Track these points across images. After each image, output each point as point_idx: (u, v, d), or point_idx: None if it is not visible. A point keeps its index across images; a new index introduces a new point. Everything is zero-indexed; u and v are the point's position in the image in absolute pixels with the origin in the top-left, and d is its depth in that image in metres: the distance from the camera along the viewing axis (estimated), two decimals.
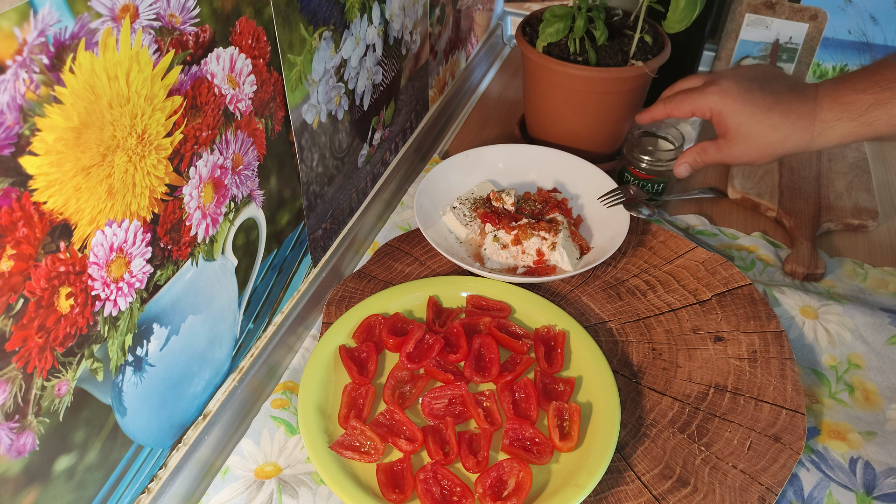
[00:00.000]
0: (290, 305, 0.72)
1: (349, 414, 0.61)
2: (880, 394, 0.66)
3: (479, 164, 0.86)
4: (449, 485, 0.56)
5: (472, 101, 1.12)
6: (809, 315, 0.72)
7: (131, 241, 0.47)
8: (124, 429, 0.51)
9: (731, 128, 0.72)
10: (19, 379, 0.41)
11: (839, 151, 0.94)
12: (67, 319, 0.43)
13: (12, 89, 0.35)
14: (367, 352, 0.66)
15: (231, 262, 0.60)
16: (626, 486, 0.58)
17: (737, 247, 0.82)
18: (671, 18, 0.76)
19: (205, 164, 0.52)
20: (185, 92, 0.48)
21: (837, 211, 0.85)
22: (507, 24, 1.27)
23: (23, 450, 0.43)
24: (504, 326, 0.69)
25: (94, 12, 0.39)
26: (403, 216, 0.88)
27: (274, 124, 0.60)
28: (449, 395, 0.63)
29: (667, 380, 0.66)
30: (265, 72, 0.57)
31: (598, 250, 0.76)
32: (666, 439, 0.61)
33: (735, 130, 0.72)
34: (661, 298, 0.73)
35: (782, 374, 0.65)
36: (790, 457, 0.59)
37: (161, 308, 0.52)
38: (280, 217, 0.66)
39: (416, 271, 0.78)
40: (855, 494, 0.58)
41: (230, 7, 0.51)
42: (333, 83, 0.69)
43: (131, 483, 0.54)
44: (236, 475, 0.60)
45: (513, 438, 0.59)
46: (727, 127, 0.72)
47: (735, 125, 0.71)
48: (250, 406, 0.65)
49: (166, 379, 0.55)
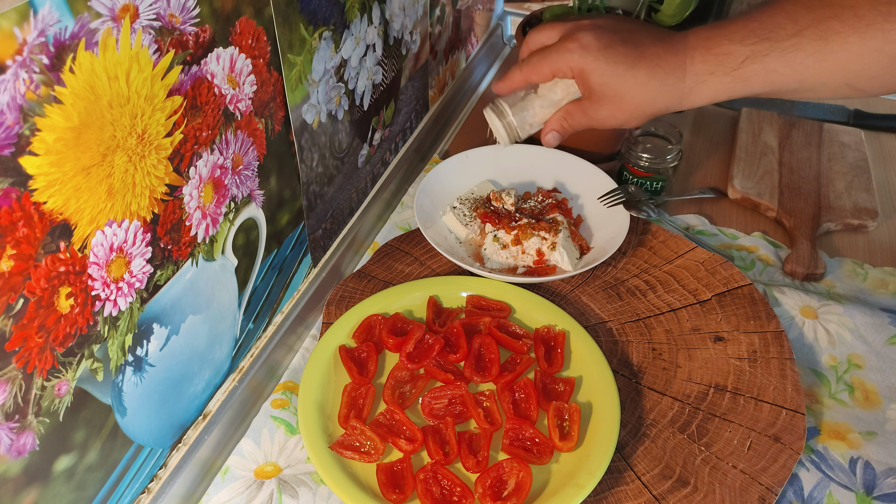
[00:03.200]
0: (290, 305, 0.72)
1: (349, 414, 0.61)
2: (880, 394, 0.66)
3: (479, 164, 0.86)
4: (449, 485, 0.56)
5: (472, 101, 1.12)
6: (809, 315, 0.72)
7: (131, 241, 0.47)
8: (124, 429, 0.51)
9: (595, 88, 0.64)
10: (19, 379, 0.41)
11: (839, 151, 0.94)
12: (67, 319, 0.43)
13: (12, 89, 0.35)
14: (367, 352, 0.66)
15: (231, 262, 0.60)
16: (626, 486, 0.58)
17: (737, 247, 0.82)
18: (664, 12, 0.75)
19: (205, 164, 0.52)
20: (185, 92, 0.48)
21: (837, 211, 0.85)
22: (507, 24, 1.27)
23: (23, 450, 0.43)
24: (504, 326, 0.69)
25: (94, 12, 0.39)
26: (403, 216, 0.88)
27: (274, 124, 0.60)
28: (449, 395, 0.63)
29: (667, 380, 0.66)
30: (265, 72, 0.57)
31: (598, 250, 0.76)
32: (666, 439, 0.61)
33: (599, 91, 0.64)
34: (661, 298, 0.73)
35: (782, 374, 0.65)
36: (790, 457, 0.59)
37: (161, 308, 0.52)
38: (280, 217, 0.66)
39: (416, 271, 0.78)
40: (855, 494, 0.58)
41: (230, 7, 0.51)
42: (333, 83, 0.69)
43: (131, 483, 0.54)
44: (236, 475, 0.60)
45: (513, 438, 0.59)
46: (590, 87, 0.65)
47: (599, 85, 0.64)
48: (250, 406, 0.65)
49: (166, 379, 0.55)
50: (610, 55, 0.62)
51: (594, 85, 0.64)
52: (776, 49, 0.58)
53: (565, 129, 0.70)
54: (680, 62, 0.61)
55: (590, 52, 0.63)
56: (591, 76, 0.63)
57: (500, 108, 0.72)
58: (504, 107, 0.71)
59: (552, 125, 0.71)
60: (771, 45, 0.58)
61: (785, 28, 0.58)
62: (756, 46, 0.58)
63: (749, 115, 1.00)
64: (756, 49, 0.58)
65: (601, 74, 0.63)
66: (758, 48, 0.58)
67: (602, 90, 0.64)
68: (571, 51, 0.64)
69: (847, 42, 0.56)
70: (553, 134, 0.71)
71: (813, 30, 0.57)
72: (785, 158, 0.93)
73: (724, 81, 0.60)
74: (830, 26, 0.56)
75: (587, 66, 0.63)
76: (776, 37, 0.58)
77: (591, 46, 0.63)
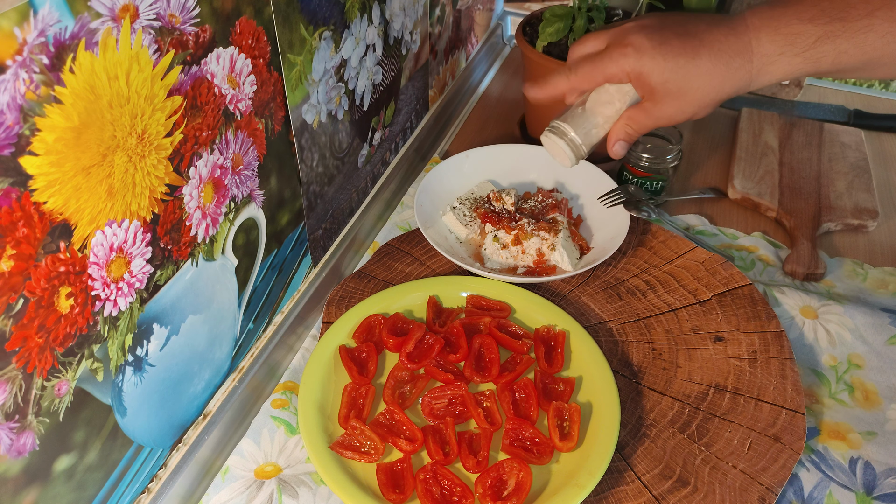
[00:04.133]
0: (290, 305, 0.72)
1: (349, 414, 0.61)
2: (880, 394, 0.66)
3: (479, 164, 0.86)
4: (449, 485, 0.56)
5: (472, 101, 1.12)
6: (809, 315, 0.72)
7: (131, 241, 0.47)
8: (124, 429, 0.51)
9: (657, 87, 0.62)
10: (19, 379, 0.41)
11: (839, 151, 0.94)
12: (67, 319, 0.43)
13: (12, 89, 0.35)
14: (367, 352, 0.66)
15: (231, 262, 0.60)
16: (626, 486, 0.58)
17: (737, 247, 0.82)
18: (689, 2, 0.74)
19: (205, 164, 0.52)
20: (185, 92, 0.48)
21: (837, 211, 0.85)
22: (507, 24, 1.27)
23: (23, 450, 0.43)
24: (504, 326, 0.69)
25: (94, 12, 0.39)
26: (403, 216, 0.88)
27: (274, 124, 0.60)
28: (449, 395, 0.63)
29: (667, 380, 0.66)
30: (265, 72, 0.57)
31: (598, 250, 0.76)
32: (666, 439, 0.61)
33: (662, 89, 0.62)
34: (661, 298, 0.73)
35: (782, 374, 0.65)
36: (790, 457, 0.59)
37: (161, 308, 0.52)
38: (280, 217, 0.66)
39: (416, 271, 0.78)
40: (855, 494, 0.58)
41: (230, 7, 0.51)
42: (333, 83, 0.69)
43: (131, 483, 0.54)
44: (236, 475, 0.60)
45: (513, 438, 0.59)
46: (652, 88, 0.62)
47: (660, 83, 0.62)
48: (250, 406, 0.65)
49: (166, 379, 0.55)
50: (667, 51, 0.60)
51: (655, 84, 0.62)
52: (848, 30, 0.56)
53: (631, 135, 0.68)
54: (745, 44, 0.59)
55: (645, 52, 0.61)
56: (651, 76, 0.61)
57: (559, 129, 0.69)
58: (564, 127, 0.69)
59: (617, 134, 0.69)
60: (843, 26, 0.56)
61: (857, 8, 0.56)
62: (828, 27, 0.56)
63: (749, 115, 1.00)
64: (828, 30, 0.56)
65: (661, 72, 0.61)
66: (830, 28, 0.56)
67: (665, 88, 0.62)
68: (626, 55, 0.62)
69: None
70: (620, 143, 0.69)
71: (886, 10, 0.55)
72: (785, 158, 0.93)
73: (794, 62, 0.58)
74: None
75: (644, 68, 0.61)
76: (849, 17, 0.56)
77: (644, 47, 0.61)
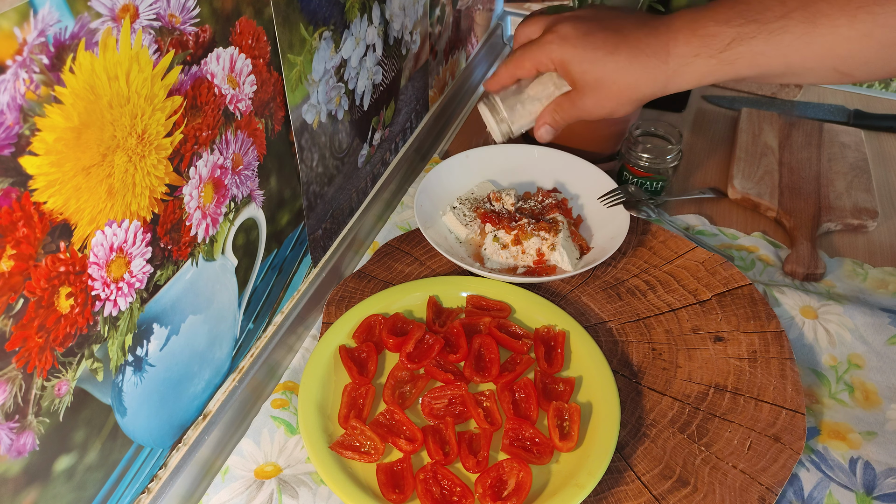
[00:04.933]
0: (290, 305, 0.72)
1: (349, 414, 0.61)
2: (880, 394, 0.66)
3: (479, 164, 0.86)
4: (449, 485, 0.56)
5: (473, 101, 1.12)
6: (809, 315, 0.72)
7: (131, 241, 0.47)
8: (124, 429, 0.51)
9: (577, 77, 0.63)
10: (19, 379, 0.41)
11: (839, 151, 0.94)
12: (67, 319, 0.43)
13: (12, 89, 0.35)
14: (367, 352, 0.66)
15: (231, 262, 0.60)
16: (626, 486, 0.58)
17: (737, 247, 0.82)
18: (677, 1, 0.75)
19: (205, 164, 0.52)
20: (185, 92, 0.48)
21: (837, 211, 0.85)
22: (507, 24, 1.27)
23: (23, 450, 0.43)
24: (504, 326, 0.69)
25: (94, 12, 0.39)
26: (403, 216, 0.88)
27: (274, 124, 0.60)
28: (449, 395, 0.63)
29: (667, 380, 0.66)
30: (265, 72, 0.57)
31: (598, 250, 0.76)
32: (666, 439, 0.61)
33: (581, 79, 0.63)
34: (661, 298, 0.73)
35: (782, 374, 0.65)
36: (790, 457, 0.59)
37: (161, 308, 0.52)
38: (280, 217, 0.66)
39: (416, 271, 0.78)
40: (855, 494, 0.58)
41: (230, 7, 0.51)
42: (333, 83, 0.69)
43: (131, 483, 0.54)
44: (236, 475, 0.60)
45: (513, 438, 0.59)
46: (573, 77, 0.63)
47: (580, 73, 0.62)
48: (250, 406, 0.65)
49: (166, 379, 0.55)
50: (588, 42, 0.61)
51: (576, 74, 0.63)
52: (763, 31, 0.56)
53: (557, 122, 0.69)
54: (662, 44, 0.60)
55: (568, 41, 0.62)
56: (572, 65, 0.62)
57: (492, 104, 0.71)
58: (496, 102, 0.71)
59: (544, 119, 0.70)
60: (758, 27, 0.56)
61: (772, 9, 0.56)
62: (742, 28, 0.56)
63: (749, 115, 1.00)
64: (742, 31, 0.56)
65: (581, 62, 0.62)
66: (744, 30, 0.56)
67: (584, 78, 0.63)
68: (551, 42, 0.63)
69: (835, 25, 0.54)
70: (546, 128, 0.70)
71: (801, 12, 0.55)
72: (785, 158, 0.93)
73: (710, 64, 0.58)
74: (819, 8, 0.55)
75: (566, 56, 0.62)
76: (763, 18, 0.56)
77: (569, 36, 0.62)
